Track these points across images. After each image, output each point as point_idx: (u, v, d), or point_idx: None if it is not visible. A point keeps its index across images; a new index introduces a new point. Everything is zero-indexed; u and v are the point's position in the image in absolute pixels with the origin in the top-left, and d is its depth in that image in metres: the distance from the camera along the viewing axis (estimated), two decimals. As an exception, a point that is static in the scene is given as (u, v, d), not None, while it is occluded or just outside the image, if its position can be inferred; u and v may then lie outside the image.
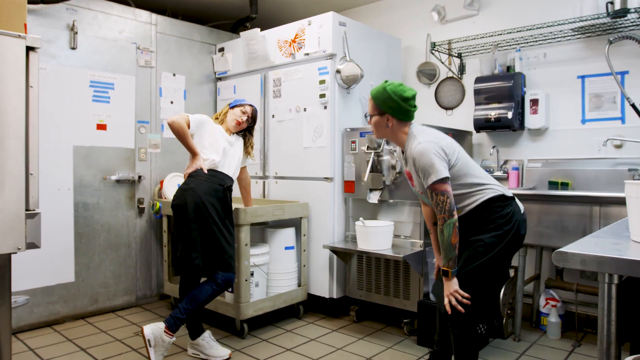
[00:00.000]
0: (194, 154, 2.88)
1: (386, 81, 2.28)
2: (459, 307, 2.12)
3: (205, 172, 2.86)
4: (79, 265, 3.65)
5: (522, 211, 2.28)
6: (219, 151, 2.94)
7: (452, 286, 2.14)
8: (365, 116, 2.39)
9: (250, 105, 3.11)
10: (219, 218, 2.83)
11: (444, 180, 2.09)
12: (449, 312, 2.15)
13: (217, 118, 3.11)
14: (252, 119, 3.12)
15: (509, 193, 2.26)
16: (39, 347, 3.11)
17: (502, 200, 2.21)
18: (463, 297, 2.13)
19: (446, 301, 2.14)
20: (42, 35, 3.39)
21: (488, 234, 2.17)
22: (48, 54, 3.47)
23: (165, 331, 2.69)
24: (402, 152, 2.35)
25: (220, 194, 2.88)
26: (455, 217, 2.10)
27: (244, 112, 3.06)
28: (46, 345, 3.15)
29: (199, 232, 2.79)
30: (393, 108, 2.22)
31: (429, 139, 2.17)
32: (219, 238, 2.81)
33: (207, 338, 2.92)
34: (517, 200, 2.29)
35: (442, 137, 2.24)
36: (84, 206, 3.69)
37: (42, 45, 3.06)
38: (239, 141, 3.12)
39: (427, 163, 2.09)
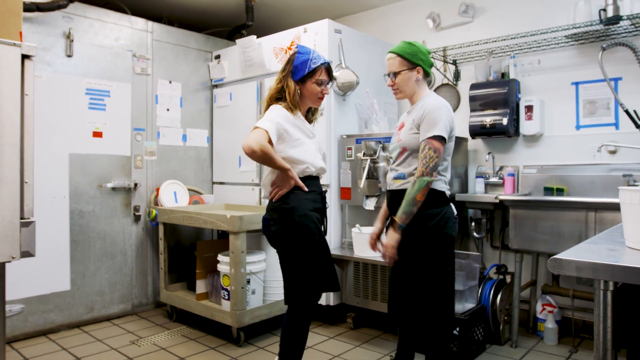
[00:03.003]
0: (284, 170, 2.27)
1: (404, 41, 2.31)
2: (387, 260, 2.19)
3: (306, 189, 2.32)
4: (75, 274, 3.63)
5: (455, 214, 2.29)
6: (310, 154, 2.37)
7: (394, 240, 2.15)
8: (385, 75, 2.38)
9: (323, 63, 2.37)
10: (320, 233, 2.37)
11: (442, 139, 2.11)
12: (387, 260, 2.20)
13: (292, 104, 2.35)
14: (332, 78, 2.46)
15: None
16: (33, 357, 3.08)
17: (446, 200, 2.22)
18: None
19: (383, 250, 2.19)
20: (38, 43, 3.40)
21: (432, 236, 2.16)
22: (44, 61, 3.47)
23: None
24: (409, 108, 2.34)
25: (318, 204, 2.40)
26: (433, 179, 2.11)
27: (322, 82, 2.36)
28: (41, 354, 3.13)
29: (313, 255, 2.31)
30: (424, 60, 2.25)
31: (449, 106, 2.23)
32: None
33: None
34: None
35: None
36: (80, 214, 3.67)
37: (37, 53, 3.07)
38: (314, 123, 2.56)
39: (438, 117, 2.12)
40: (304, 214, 2.28)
